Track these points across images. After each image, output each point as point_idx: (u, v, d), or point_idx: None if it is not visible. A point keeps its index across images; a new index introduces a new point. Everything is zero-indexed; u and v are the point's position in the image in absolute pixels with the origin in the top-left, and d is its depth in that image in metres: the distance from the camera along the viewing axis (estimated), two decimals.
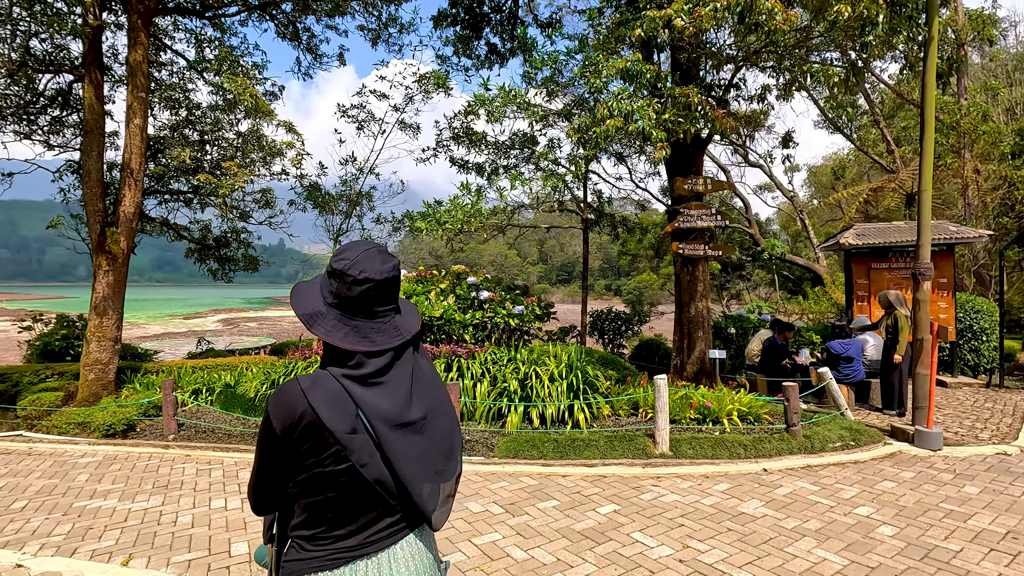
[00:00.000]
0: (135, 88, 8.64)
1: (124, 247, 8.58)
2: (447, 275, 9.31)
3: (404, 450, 1.20)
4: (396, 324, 1.32)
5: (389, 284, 1.29)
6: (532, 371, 7.02)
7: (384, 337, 1.27)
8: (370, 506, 1.22)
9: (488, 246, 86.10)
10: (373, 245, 1.32)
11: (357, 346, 1.22)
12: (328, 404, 1.16)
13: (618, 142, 11.08)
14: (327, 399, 1.17)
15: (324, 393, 1.18)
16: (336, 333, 1.24)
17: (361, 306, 1.27)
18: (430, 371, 1.39)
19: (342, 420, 1.16)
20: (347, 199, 14.06)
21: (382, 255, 1.31)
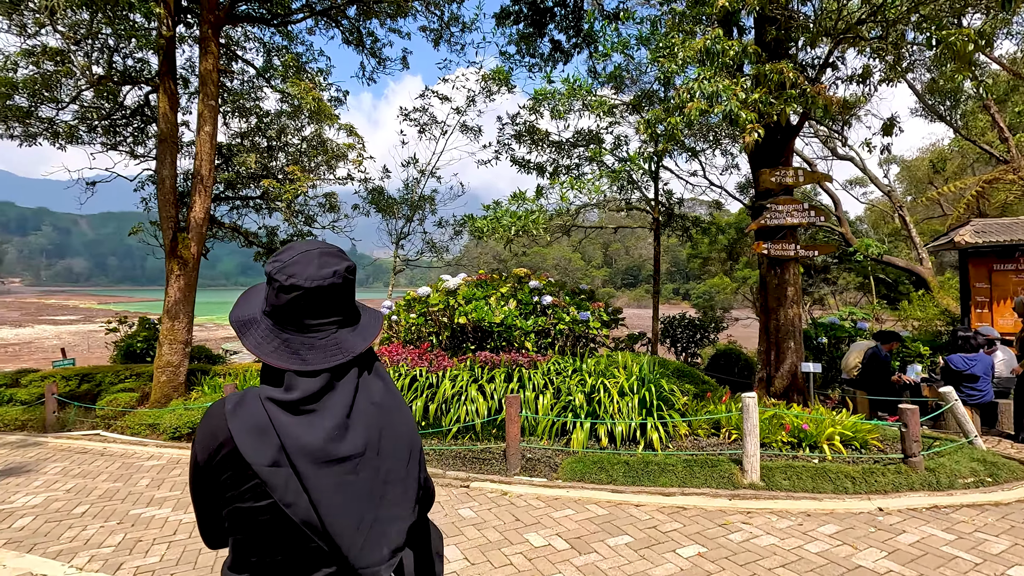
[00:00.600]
0: (205, 96, 8.83)
1: (194, 252, 8.76)
2: (508, 279, 8.87)
3: (328, 492, 1.01)
4: (337, 341, 1.12)
5: (324, 294, 1.10)
6: (600, 384, 6.40)
7: (318, 355, 1.08)
8: (302, 553, 1.04)
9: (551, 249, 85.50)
10: (317, 246, 1.15)
11: (285, 363, 1.07)
12: (248, 431, 1.01)
13: (692, 135, 10.24)
14: (248, 425, 1.02)
15: (246, 419, 1.03)
16: (265, 346, 1.09)
17: (290, 317, 1.10)
18: (386, 398, 1.16)
19: (262, 451, 1.00)
20: (408, 203, 14.00)
21: (323, 259, 1.12)
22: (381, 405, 1.14)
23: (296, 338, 1.10)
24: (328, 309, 1.12)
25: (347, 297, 1.15)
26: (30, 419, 8.69)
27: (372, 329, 1.21)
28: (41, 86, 8.12)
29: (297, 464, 1.00)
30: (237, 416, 1.03)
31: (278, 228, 12.19)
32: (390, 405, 1.16)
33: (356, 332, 1.17)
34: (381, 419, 1.12)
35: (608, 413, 6.13)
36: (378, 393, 1.15)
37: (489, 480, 5.54)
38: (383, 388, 1.18)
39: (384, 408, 1.14)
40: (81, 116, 9.42)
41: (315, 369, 1.07)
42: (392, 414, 1.16)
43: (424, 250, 13.54)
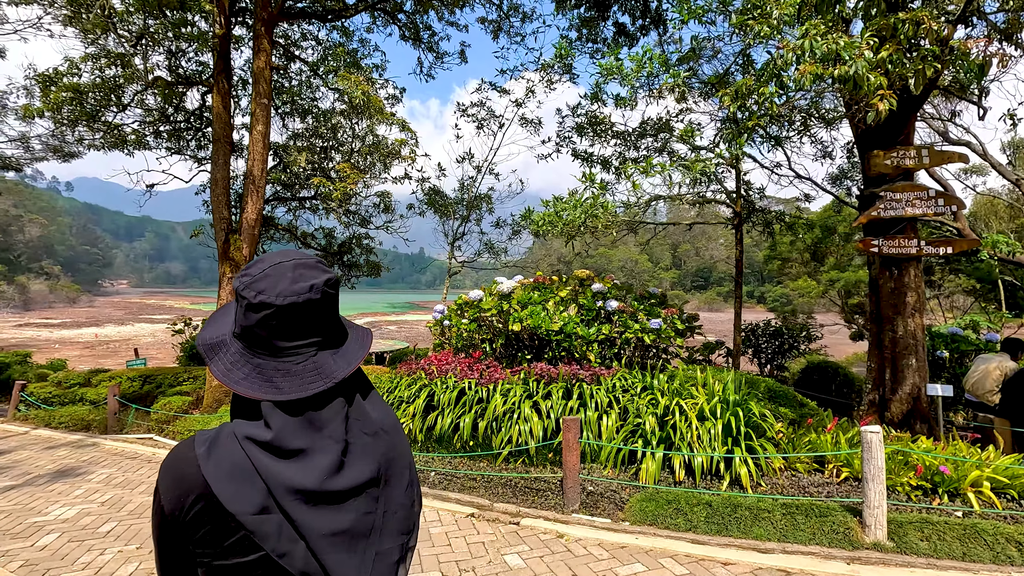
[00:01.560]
0: (258, 95, 8.64)
1: (246, 254, 8.58)
2: (569, 281, 8.04)
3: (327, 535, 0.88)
4: (317, 365, 0.97)
5: (299, 312, 0.95)
6: (675, 405, 5.45)
7: (294, 383, 0.94)
8: None
9: (617, 251, 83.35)
10: (293, 257, 0.99)
11: (258, 393, 0.92)
12: (228, 477, 0.86)
13: (779, 119, 8.96)
14: (225, 470, 0.87)
15: (222, 462, 0.88)
16: (235, 373, 0.94)
17: (261, 339, 0.95)
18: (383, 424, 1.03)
19: (247, 498, 0.86)
20: (465, 203, 13.47)
21: (298, 271, 0.97)
22: (378, 434, 1.02)
23: (269, 363, 0.96)
24: (304, 329, 0.98)
25: (327, 315, 1.01)
26: (95, 419, 8.82)
27: (358, 351, 1.05)
28: (105, 90, 8.25)
29: (289, 508, 0.87)
30: (212, 459, 0.88)
31: (335, 230, 12.04)
32: (388, 432, 1.05)
33: (339, 354, 1.01)
34: (379, 448, 1.01)
35: (685, 441, 5.16)
36: (374, 421, 1.03)
37: (543, 517, 4.75)
38: (379, 414, 1.05)
39: (381, 436, 1.03)
40: (145, 120, 9.56)
41: (291, 399, 0.92)
42: (391, 441, 1.04)
43: (482, 251, 12.97)
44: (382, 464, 0.99)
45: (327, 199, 9.47)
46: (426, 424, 6.25)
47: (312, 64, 9.53)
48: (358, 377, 1.05)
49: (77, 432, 8.62)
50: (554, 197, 8.56)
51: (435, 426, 6.19)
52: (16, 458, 7.37)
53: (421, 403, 6.37)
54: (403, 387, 6.92)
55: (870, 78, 4.13)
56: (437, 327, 8.78)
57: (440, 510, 4.98)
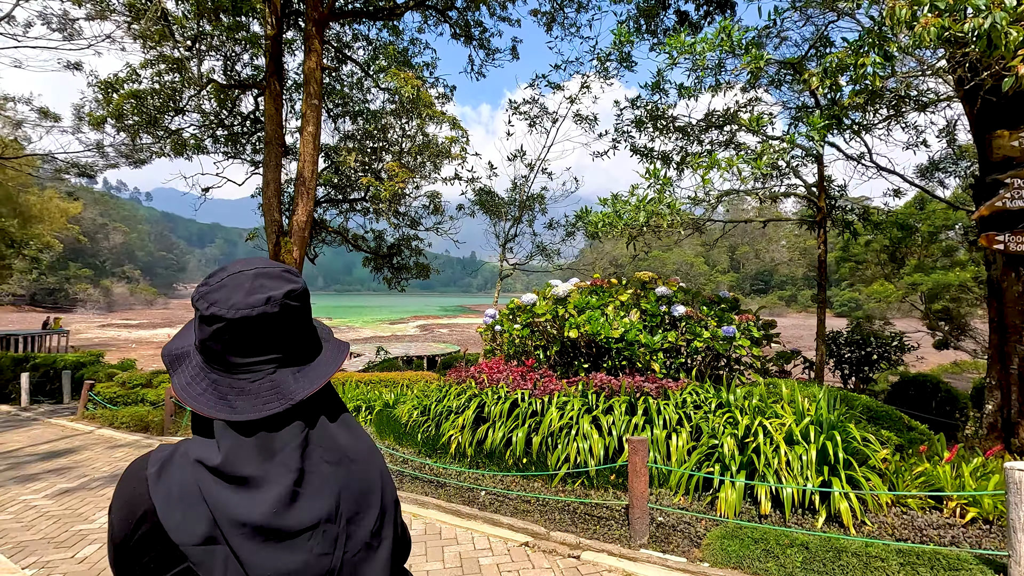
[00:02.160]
0: (308, 96, 8.53)
1: (296, 257, 8.47)
2: (629, 284, 7.43)
3: (271, 573, 0.79)
4: (275, 384, 0.88)
5: (253, 326, 0.86)
6: (757, 425, 4.76)
7: (248, 402, 0.86)
8: None
9: (672, 254, 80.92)
10: (256, 266, 0.92)
11: (212, 411, 0.85)
12: (176, 502, 0.80)
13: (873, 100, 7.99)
14: (175, 495, 0.80)
15: (172, 485, 0.81)
16: (193, 387, 0.88)
17: (215, 353, 0.88)
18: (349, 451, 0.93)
19: (193, 526, 0.78)
20: (517, 203, 13.04)
21: (257, 281, 0.89)
22: (342, 463, 0.91)
23: (224, 379, 0.88)
24: (260, 345, 0.88)
25: (288, 330, 0.90)
26: (153, 420, 8.94)
27: (326, 369, 0.94)
28: (163, 96, 8.38)
29: (234, 543, 0.79)
30: (162, 481, 0.82)
31: (385, 232, 11.90)
32: (355, 460, 0.93)
33: (303, 373, 0.91)
34: (342, 479, 0.90)
35: (771, 468, 4.48)
36: (340, 447, 0.92)
37: (607, 551, 4.19)
38: (349, 440, 0.94)
39: (345, 465, 0.91)
40: (202, 124, 9.70)
41: (244, 419, 0.84)
42: (358, 472, 0.93)
43: (534, 253, 12.50)
44: (345, 498, 0.89)
45: (376, 200, 9.29)
46: (476, 437, 5.82)
47: (362, 63, 9.38)
48: (326, 397, 0.96)
49: (137, 433, 8.76)
50: (612, 196, 7.98)
51: (486, 440, 5.75)
52: (77, 459, 7.50)
53: (471, 415, 5.95)
54: (452, 396, 6.52)
55: (1011, 33, 3.35)
56: (488, 332, 8.36)
57: (491, 536, 4.52)
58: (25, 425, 10.00)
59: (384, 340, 44.07)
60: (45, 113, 14.59)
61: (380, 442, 6.87)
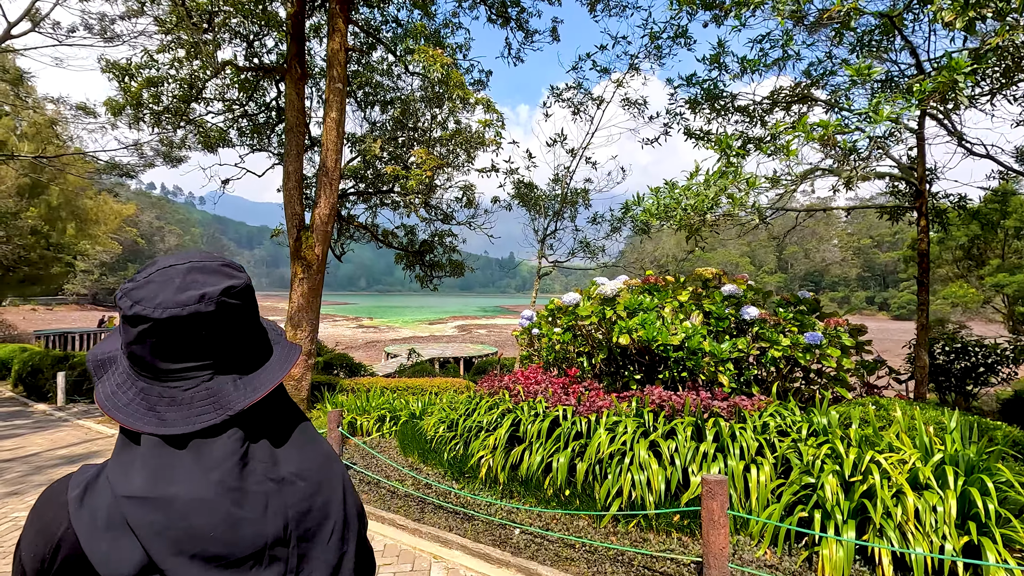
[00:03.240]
0: (332, 79, 7.89)
1: (319, 253, 7.83)
2: (688, 282, 6.42)
3: None
4: (211, 393, 0.78)
5: (184, 327, 0.76)
6: (869, 461, 3.71)
7: (181, 413, 0.76)
8: None
9: (715, 254, 77.98)
10: (191, 259, 0.82)
11: (138, 423, 0.75)
12: (101, 529, 0.69)
13: None
14: (100, 520, 0.70)
15: (98, 510, 0.71)
16: (120, 396, 0.78)
17: (142, 358, 0.78)
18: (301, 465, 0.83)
19: (123, 555, 0.68)
20: (558, 198, 12.11)
21: (190, 276, 0.79)
22: (286, 481, 0.80)
23: (154, 387, 0.78)
24: (193, 349, 0.78)
25: (227, 331, 0.80)
26: None
27: (271, 375, 0.84)
28: (182, 84, 7.94)
29: (172, 572, 0.69)
30: (85, 507, 0.72)
31: (416, 227, 11.22)
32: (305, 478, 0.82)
33: (245, 379, 0.82)
34: (289, 499, 0.79)
35: (892, 521, 3.42)
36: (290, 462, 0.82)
37: None
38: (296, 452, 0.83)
39: (292, 484, 0.80)
40: (222, 112, 9.24)
41: (175, 433, 0.74)
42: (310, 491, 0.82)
43: (576, 250, 11.57)
44: (295, 518, 0.79)
45: (405, 192, 8.60)
46: (510, 461, 4.96)
47: (388, 42, 8.70)
48: (275, 405, 0.86)
49: None
50: (667, 182, 6.97)
51: (521, 464, 4.89)
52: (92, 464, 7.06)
53: (504, 433, 5.10)
54: (482, 410, 5.69)
55: None
56: (524, 336, 7.50)
57: None
58: (53, 426, 9.80)
59: (422, 340, 43.86)
60: (83, 109, 14.62)
61: (404, 459, 6.11)
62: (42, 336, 29.10)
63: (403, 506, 5.09)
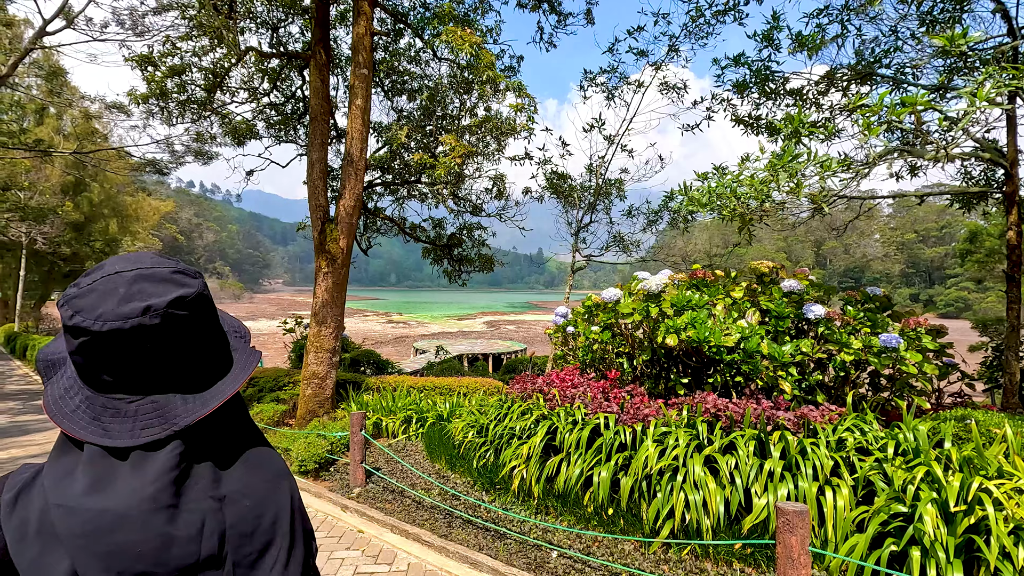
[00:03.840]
0: (357, 65, 7.54)
1: (343, 246, 7.52)
2: (741, 276, 5.84)
3: None
4: (157, 407, 0.75)
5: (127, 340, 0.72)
6: (977, 489, 3.12)
7: (125, 426, 0.73)
8: None
9: (750, 249, 75.60)
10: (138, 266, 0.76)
11: (83, 432, 0.73)
12: (32, 536, 0.69)
13: None
14: (31, 526, 0.69)
15: (29, 518, 0.70)
16: (67, 401, 0.76)
17: (84, 369, 0.75)
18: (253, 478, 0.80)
19: (51, 565, 0.67)
20: (592, 188, 11.54)
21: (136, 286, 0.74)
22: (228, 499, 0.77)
23: (98, 397, 0.75)
24: (138, 363, 0.74)
25: (176, 344, 0.76)
26: None
27: (223, 387, 0.80)
28: (206, 73, 7.72)
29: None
30: (17, 511, 0.71)
31: (444, 220, 10.85)
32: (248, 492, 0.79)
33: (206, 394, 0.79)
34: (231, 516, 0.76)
35: (1012, 565, 2.84)
36: (229, 479, 0.78)
37: None
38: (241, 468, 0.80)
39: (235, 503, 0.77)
40: (248, 99, 9.00)
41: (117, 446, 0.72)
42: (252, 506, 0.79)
43: (610, 244, 11.02)
44: (232, 538, 0.76)
45: (432, 182, 8.23)
46: (545, 472, 4.51)
47: (415, 25, 8.30)
48: (226, 417, 0.82)
49: None
50: (716, 168, 6.38)
51: (557, 476, 4.44)
52: None
53: (539, 442, 4.65)
54: (515, 416, 5.25)
55: None
56: (558, 334, 7.03)
57: None
58: None
59: (450, 336, 43.81)
60: (118, 107, 14.69)
61: (431, 464, 5.72)
62: None
63: (429, 519, 4.70)
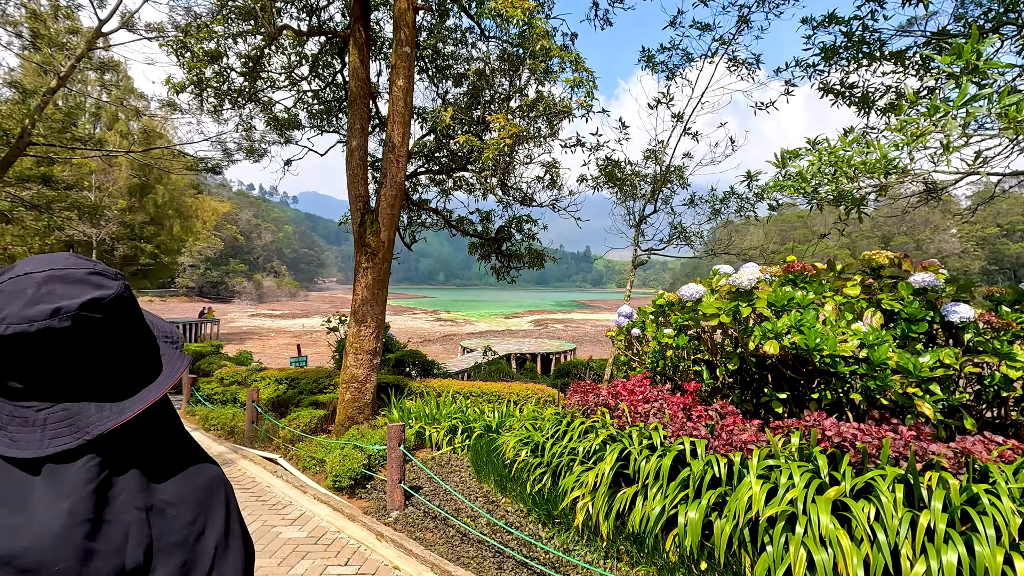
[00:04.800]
0: (398, 43, 6.94)
1: (384, 239, 6.93)
2: (852, 270, 4.83)
3: None
4: (68, 415, 0.72)
5: (33, 344, 0.69)
6: None
7: (33, 435, 0.70)
8: None
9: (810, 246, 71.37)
10: (50, 266, 0.73)
11: None
12: None
13: None
14: None
15: None
16: None
17: None
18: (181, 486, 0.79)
19: None
20: (647, 178, 10.55)
21: (46, 287, 0.71)
22: (155, 510, 0.74)
23: (5, 405, 0.72)
24: (47, 368, 0.71)
25: (90, 348, 0.72)
26: (239, 425, 8.00)
27: (145, 394, 0.77)
28: (244, 58, 7.34)
29: None
30: None
31: (492, 212, 10.15)
32: (177, 501, 0.77)
33: (122, 403, 0.75)
34: (158, 528, 0.74)
35: None
36: (158, 489, 0.76)
37: None
38: (169, 476, 0.78)
39: (161, 513, 0.75)
40: (290, 84, 8.58)
41: (25, 456, 0.68)
42: (183, 516, 0.76)
43: (673, 236, 10.02)
44: (160, 550, 0.73)
45: (480, 169, 7.55)
46: (615, 507, 3.71)
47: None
48: (150, 423, 0.80)
49: (223, 440, 7.84)
50: (810, 142, 5.34)
51: (631, 513, 3.63)
52: None
53: (608, 469, 3.84)
54: (576, 434, 4.46)
55: None
56: (622, 337, 6.19)
57: None
58: None
59: (498, 335, 43.33)
60: (171, 105, 14.79)
61: (478, 484, 5.02)
62: None
63: (476, 556, 3.97)
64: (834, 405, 4.21)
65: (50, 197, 13.30)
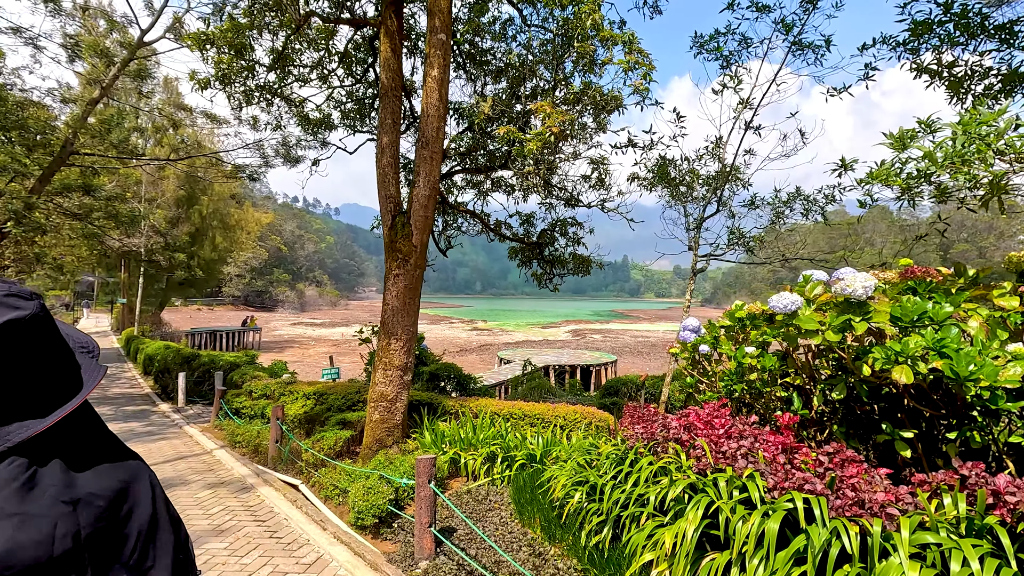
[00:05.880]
0: (433, 31, 6.34)
1: (416, 243, 6.30)
2: (988, 277, 3.86)
3: None
4: None
5: None
6: None
7: None
8: None
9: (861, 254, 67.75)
10: None
11: None
12: None
13: None
14: None
15: None
16: None
17: None
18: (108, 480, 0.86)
19: None
20: (703, 179, 9.62)
21: None
22: (83, 503, 0.79)
23: None
24: None
25: (6, 370, 0.76)
26: (263, 443, 7.48)
27: (66, 406, 0.82)
28: (274, 55, 6.91)
29: None
30: None
31: (534, 216, 9.43)
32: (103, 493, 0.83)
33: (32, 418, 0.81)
34: (86, 519, 0.79)
35: None
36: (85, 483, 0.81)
37: None
38: (94, 471, 0.84)
39: (89, 506, 0.80)
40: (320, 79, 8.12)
41: None
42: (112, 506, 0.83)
43: (732, 241, 9.05)
44: (90, 540, 0.78)
45: (522, 165, 6.88)
46: (699, 575, 2.88)
47: None
48: (76, 428, 0.86)
49: (248, 460, 7.34)
50: (920, 121, 4.38)
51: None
52: (172, 496, 6.11)
53: (692, 530, 3.02)
54: (643, 475, 3.64)
55: None
56: (687, 354, 5.33)
57: None
58: (159, 433, 9.39)
59: (535, 345, 42.51)
60: (210, 117, 14.70)
61: (520, 528, 4.25)
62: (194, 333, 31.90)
63: None
64: (983, 450, 3.27)
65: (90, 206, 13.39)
